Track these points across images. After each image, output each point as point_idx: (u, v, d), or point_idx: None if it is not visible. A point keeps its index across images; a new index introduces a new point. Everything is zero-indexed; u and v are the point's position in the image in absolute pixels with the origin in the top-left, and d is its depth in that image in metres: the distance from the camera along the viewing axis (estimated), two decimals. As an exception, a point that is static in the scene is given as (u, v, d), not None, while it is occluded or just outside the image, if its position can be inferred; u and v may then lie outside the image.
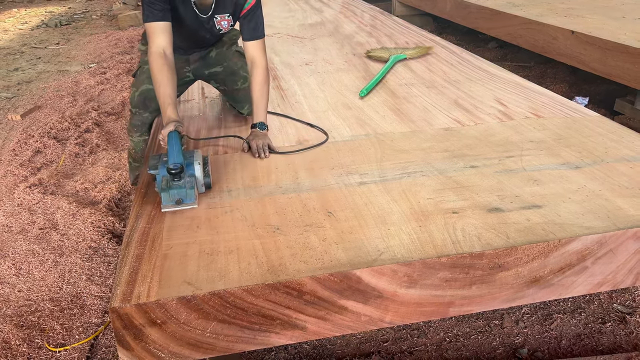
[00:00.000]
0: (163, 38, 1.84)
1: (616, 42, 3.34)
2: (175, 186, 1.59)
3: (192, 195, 1.61)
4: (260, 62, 2.07)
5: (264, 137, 2.01)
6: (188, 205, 1.61)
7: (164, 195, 1.59)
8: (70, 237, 2.52)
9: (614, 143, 2.01)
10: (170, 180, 1.60)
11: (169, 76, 1.80)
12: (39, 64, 5.76)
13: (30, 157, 3.39)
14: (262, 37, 2.09)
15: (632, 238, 1.46)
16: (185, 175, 1.61)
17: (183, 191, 1.59)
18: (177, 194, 1.59)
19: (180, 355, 1.31)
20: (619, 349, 1.84)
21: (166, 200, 1.59)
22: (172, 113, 1.75)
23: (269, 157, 1.95)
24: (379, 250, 1.39)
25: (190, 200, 1.61)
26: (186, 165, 1.62)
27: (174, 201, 1.59)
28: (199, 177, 1.66)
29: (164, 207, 1.60)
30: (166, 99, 1.77)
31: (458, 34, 6.05)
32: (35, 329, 1.99)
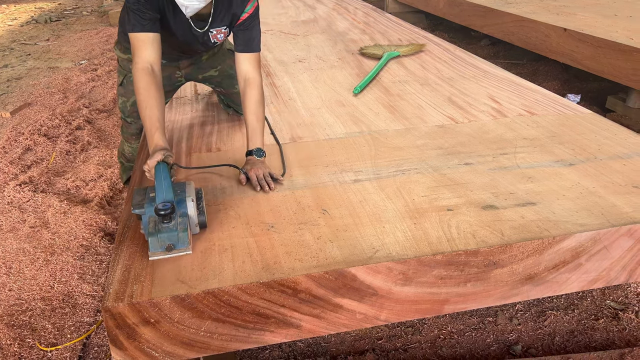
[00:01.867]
0: (151, 51, 1.64)
1: (608, 40, 3.35)
2: (165, 229, 1.34)
3: (185, 239, 1.36)
4: (255, 79, 1.84)
5: (263, 166, 1.75)
6: (181, 251, 1.36)
7: (152, 240, 1.34)
8: (61, 235, 2.50)
9: (607, 140, 2.02)
10: (159, 223, 1.35)
11: (156, 96, 1.60)
12: (29, 61, 5.70)
13: (21, 155, 3.36)
14: (257, 51, 1.86)
15: (626, 235, 1.47)
16: (177, 215, 1.37)
17: (174, 235, 1.35)
18: (167, 239, 1.34)
19: (174, 354, 1.30)
20: (612, 345, 1.85)
21: (155, 246, 1.34)
22: (159, 140, 1.54)
23: (274, 189, 1.69)
24: (374, 248, 1.39)
25: (183, 245, 1.36)
26: (177, 203, 1.38)
27: (164, 247, 1.35)
28: (192, 216, 1.42)
29: (152, 255, 1.35)
30: (153, 123, 1.56)
31: (451, 31, 6.06)
32: (26, 328, 1.97)
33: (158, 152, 1.48)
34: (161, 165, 1.44)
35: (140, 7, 1.64)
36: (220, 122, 2.30)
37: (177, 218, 1.37)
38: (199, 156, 1.97)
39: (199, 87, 2.80)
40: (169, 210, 1.32)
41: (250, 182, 1.70)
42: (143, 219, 1.38)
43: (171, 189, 1.38)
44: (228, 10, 1.81)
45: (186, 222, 1.38)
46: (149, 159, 1.48)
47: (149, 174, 1.48)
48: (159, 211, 1.32)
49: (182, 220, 1.37)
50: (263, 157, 1.77)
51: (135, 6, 1.64)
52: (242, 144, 2.06)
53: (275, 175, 1.74)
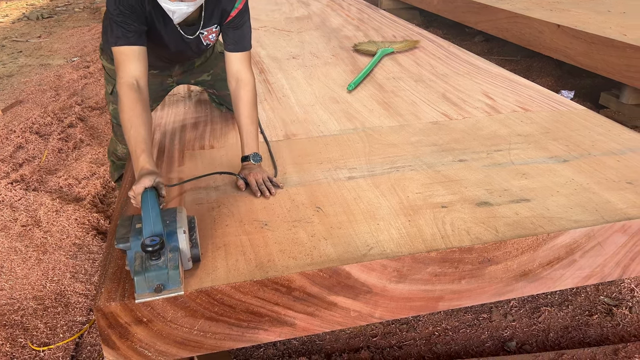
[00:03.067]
0: (137, 66, 1.53)
1: (601, 36, 3.36)
2: (153, 267, 1.17)
3: (176, 278, 1.18)
4: (248, 79, 1.76)
5: (261, 171, 1.70)
6: (172, 291, 1.18)
7: (138, 280, 1.16)
8: (53, 234, 2.48)
9: (601, 136, 2.02)
10: (146, 259, 1.18)
11: (142, 115, 1.47)
12: (20, 58, 5.65)
13: (12, 153, 3.32)
14: (248, 49, 1.78)
15: (620, 231, 1.47)
16: (167, 250, 1.20)
17: (164, 274, 1.17)
18: (156, 278, 1.16)
19: (167, 353, 1.29)
20: (606, 340, 1.86)
21: (142, 287, 1.16)
22: (145, 162, 1.38)
23: (275, 194, 1.64)
24: (368, 245, 1.38)
25: (174, 284, 1.18)
26: (167, 236, 1.22)
27: (152, 288, 1.16)
28: (184, 250, 1.25)
29: (139, 297, 1.17)
30: (138, 144, 1.42)
31: (445, 28, 6.06)
32: (18, 328, 1.95)
33: (145, 176, 1.32)
34: (149, 192, 1.26)
35: (124, 19, 1.53)
36: (214, 120, 2.29)
37: (167, 253, 1.19)
38: (192, 154, 1.95)
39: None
40: (158, 245, 1.15)
41: (250, 187, 1.65)
42: (128, 254, 1.22)
43: (160, 220, 1.21)
44: (217, 7, 1.72)
45: (177, 258, 1.20)
46: (135, 184, 1.31)
47: (134, 201, 1.33)
48: (146, 247, 1.15)
49: (172, 255, 1.20)
50: (260, 161, 1.72)
51: (120, 18, 1.53)
52: (236, 141, 2.05)
53: (275, 180, 1.69)
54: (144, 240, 1.16)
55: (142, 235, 1.20)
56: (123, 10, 1.53)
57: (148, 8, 1.60)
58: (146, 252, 1.16)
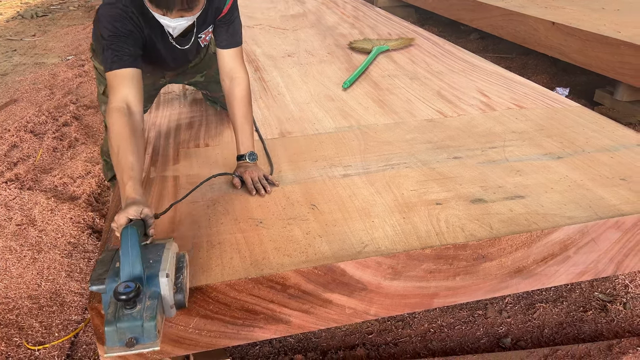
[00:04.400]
0: (130, 90, 1.46)
1: (596, 33, 3.37)
2: (127, 317, 1.01)
3: (152, 331, 1.01)
4: (242, 77, 1.74)
5: (256, 169, 1.69)
6: (146, 346, 1.02)
7: (108, 332, 1.00)
8: (48, 233, 2.47)
9: (595, 133, 2.03)
10: (120, 308, 1.02)
11: (133, 141, 1.37)
12: (15, 57, 5.62)
13: (7, 152, 3.31)
14: (240, 45, 1.77)
15: (613, 227, 1.47)
16: (145, 296, 1.05)
17: (138, 325, 1.01)
18: (128, 331, 1.01)
19: (163, 351, 1.29)
20: (601, 336, 1.87)
21: (112, 340, 1.01)
22: (132, 191, 1.27)
23: (270, 192, 1.63)
24: (363, 242, 1.39)
25: (149, 338, 1.02)
26: (148, 279, 1.07)
27: (123, 342, 1.01)
28: (166, 296, 1.09)
29: (109, 351, 1.01)
30: (126, 170, 1.31)
31: (440, 26, 6.06)
32: (13, 327, 1.95)
33: (130, 207, 1.21)
34: (129, 229, 1.10)
35: (119, 43, 1.48)
36: (209, 118, 2.28)
37: (145, 301, 1.04)
38: (186, 152, 1.95)
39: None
40: (133, 293, 1.01)
41: (246, 185, 1.64)
42: (103, 297, 1.08)
43: (140, 262, 1.07)
44: (210, 8, 1.69)
45: (155, 307, 1.04)
46: (119, 213, 1.21)
47: (117, 232, 1.20)
48: (119, 295, 1.00)
49: (151, 303, 1.04)
50: (255, 160, 1.72)
51: (114, 42, 1.47)
52: (231, 139, 2.04)
53: (270, 178, 1.69)
54: (117, 287, 1.02)
55: (119, 277, 1.06)
56: (119, 34, 1.49)
57: (146, 32, 1.59)
58: (119, 301, 1.01)
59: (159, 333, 1.03)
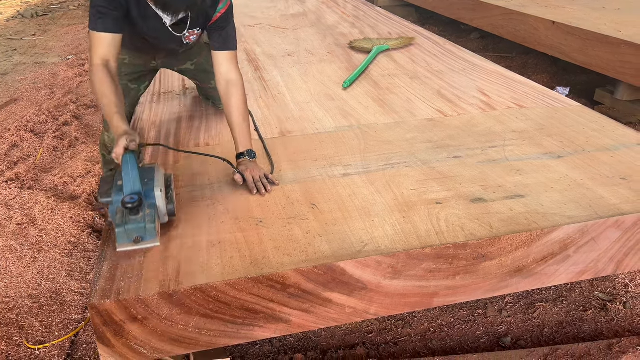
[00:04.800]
0: (109, 51, 1.61)
1: (596, 33, 3.36)
2: (132, 221, 1.32)
3: (152, 231, 1.34)
4: (237, 80, 1.81)
5: (257, 167, 1.74)
6: (148, 243, 1.36)
7: (119, 232, 1.32)
8: (49, 232, 2.47)
9: (595, 132, 2.03)
10: (126, 214, 1.33)
11: (112, 86, 1.55)
12: (15, 56, 5.62)
13: (7, 151, 3.31)
14: (234, 49, 1.84)
15: (613, 227, 1.47)
16: (145, 206, 1.34)
17: (142, 227, 1.33)
18: (135, 231, 1.33)
19: (163, 350, 1.29)
20: (601, 336, 1.87)
21: (122, 238, 1.33)
22: (119, 123, 1.47)
23: (271, 191, 1.66)
24: (363, 241, 1.39)
25: (151, 237, 1.35)
26: (145, 193, 1.36)
27: (131, 239, 1.33)
28: (160, 206, 1.40)
29: (120, 247, 1.35)
30: (111, 107, 1.50)
31: (440, 25, 6.05)
32: (13, 326, 1.95)
33: (121, 137, 1.41)
34: (128, 155, 1.37)
35: (105, 5, 1.60)
36: (209, 117, 2.28)
37: (145, 209, 1.34)
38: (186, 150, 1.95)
39: (187, 81, 2.78)
40: (137, 203, 1.30)
41: (247, 184, 1.67)
42: (110, 208, 1.36)
43: (139, 180, 1.34)
44: (202, 12, 1.78)
45: (154, 214, 1.35)
46: (115, 146, 1.41)
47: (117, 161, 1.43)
48: (126, 204, 1.29)
49: (150, 212, 1.34)
50: (255, 157, 1.76)
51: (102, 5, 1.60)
52: (231, 139, 2.04)
53: (270, 177, 1.72)
54: (124, 198, 1.30)
55: (123, 192, 1.33)
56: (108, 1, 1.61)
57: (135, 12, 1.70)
58: (126, 209, 1.30)
59: (158, 234, 1.36)
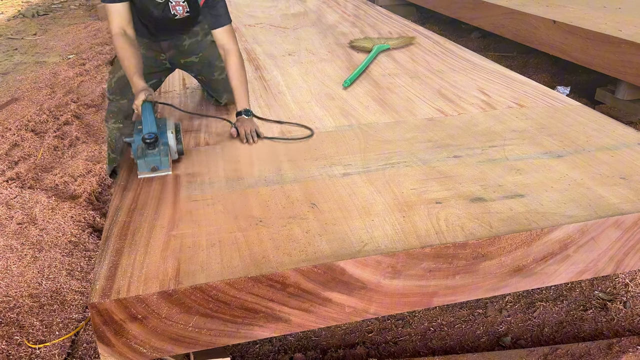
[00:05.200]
0: (122, 18, 1.94)
1: (597, 32, 3.36)
2: (150, 154, 1.71)
3: (166, 162, 1.74)
4: (232, 48, 2.07)
5: (251, 123, 2.06)
6: (162, 172, 1.74)
7: (140, 163, 1.71)
8: (49, 231, 2.48)
9: (595, 132, 2.02)
10: (145, 149, 1.71)
11: (132, 50, 1.91)
12: (16, 55, 5.63)
13: (7, 151, 3.31)
14: (227, 24, 2.07)
15: (613, 226, 1.47)
16: (160, 143, 1.72)
17: (157, 159, 1.72)
18: (152, 162, 1.72)
19: (163, 350, 1.29)
20: (601, 335, 1.87)
21: (142, 167, 1.72)
22: (139, 82, 1.86)
23: (257, 142, 2.00)
24: (363, 241, 1.39)
25: (164, 167, 1.74)
26: (160, 134, 1.72)
27: (149, 168, 1.72)
28: (172, 145, 1.78)
29: (140, 174, 1.74)
30: (131, 69, 1.88)
31: (441, 24, 6.05)
32: (14, 325, 1.95)
33: (141, 92, 1.80)
34: (146, 104, 1.76)
35: None
36: (209, 117, 2.28)
37: (160, 146, 1.72)
38: (187, 150, 1.95)
39: (187, 80, 2.78)
40: (153, 139, 1.67)
41: (239, 136, 2.02)
42: (132, 146, 1.73)
43: (155, 123, 1.72)
44: None
45: (167, 150, 1.74)
46: (135, 99, 1.80)
47: (137, 111, 1.81)
48: (145, 140, 1.67)
49: (163, 147, 1.73)
50: (251, 115, 2.08)
51: None
52: (231, 139, 2.05)
53: (260, 132, 2.05)
54: (144, 136, 1.67)
55: (142, 132, 1.69)
56: None
57: None
58: (145, 144, 1.68)
59: (170, 165, 1.77)
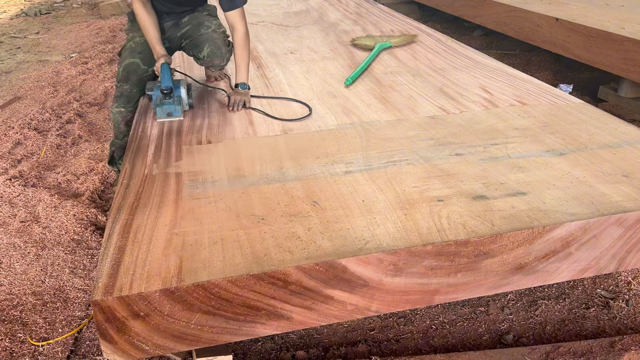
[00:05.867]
0: None
1: (600, 29, 3.35)
2: (166, 102, 2.16)
3: (179, 110, 2.19)
4: (240, 27, 2.30)
5: (243, 95, 2.33)
6: (176, 117, 2.19)
7: (158, 109, 2.17)
8: (52, 229, 2.48)
9: (598, 130, 2.02)
10: (162, 99, 2.16)
11: (152, 21, 2.24)
12: (19, 54, 5.64)
13: (11, 149, 3.32)
14: (240, 6, 2.29)
15: (615, 224, 1.47)
16: (174, 95, 2.17)
17: (172, 107, 2.17)
18: (167, 109, 2.17)
19: (165, 347, 1.30)
20: (603, 333, 1.87)
21: (160, 113, 2.17)
22: (160, 49, 2.24)
23: (240, 110, 2.30)
24: (365, 239, 1.39)
25: (177, 113, 2.19)
26: (174, 89, 2.17)
27: (165, 114, 2.17)
28: (184, 97, 2.23)
29: (158, 118, 2.19)
30: (153, 39, 2.24)
31: (443, 22, 6.04)
32: (17, 323, 1.96)
33: (161, 57, 2.21)
34: (165, 65, 2.19)
35: None
36: (211, 115, 2.29)
37: (174, 97, 2.18)
38: (189, 149, 1.95)
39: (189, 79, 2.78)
40: (169, 91, 2.14)
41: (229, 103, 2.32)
42: (153, 97, 2.21)
43: (171, 80, 2.16)
44: None
45: (180, 101, 2.20)
46: (157, 62, 2.22)
47: (157, 72, 2.22)
48: (162, 90, 2.14)
49: (177, 99, 2.19)
50: (246, 89, 2.36)
51: None
52: (232, 136, 2.06)
53: (248, 105, 2.33)
54: (162, 87, 2.14)
55: (160, 86, 2.15)
56: None
57: None
58: (162, 94, 2.16)
59: (183, 113, 2.23)
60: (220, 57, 2.42)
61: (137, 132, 2.14)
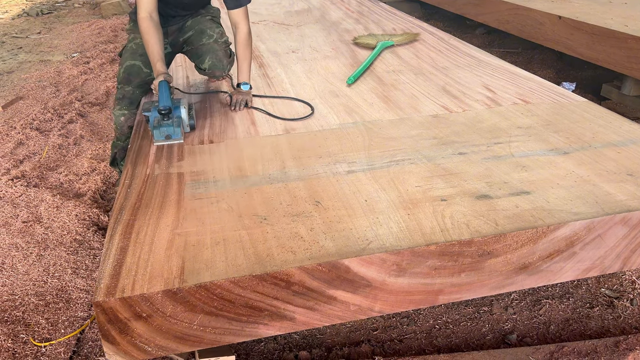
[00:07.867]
0: (150, 3, 2.09)
1: (603, 27, 3.34)
2: (165, 124, 1.93)
3: (178, 132, 1.95)
4: (243, 26, 2.27)
5: (245, 94, 2.31)
6: (175, 140, 1.96)
7: (155, 132, 1.93)
8: (54, 230, 2.48)
9: (602, 128, 2.01)
10: (160, 120, 1.93)
11: (156, 36, 2.08)
12: (20, 54, 5.64)
13: (12, 149, 3.32)
14: (244, 4, 2.26)
15: (620, 223, 1.46)
16: (173, 116, 1.95)
17: (171, 129, 1.93)
18: (166, 131, 1.93)
19: (167, 348, 1.29)
20: (607, 333, 1.86)
21: (157, 136, 1.94)
22: (161, 67, 2.05)
23: (242, 110, 2.27)
24: (368, 239, 1.38)
25: (177, 136, 1.95)
26: (174, 108, 1.96)
27: (163, 136, 1.94)
28: (184, 118, 2.01)
29: (156, 142, 1.96)
30: (155, 55, 2.07)
31: (445, 20, 6.03)
32: (19, 323, 1.96)
33: (160, 74, 2.02)
34: (163, 82, 1.97)
35: None
36: (213, 115, 2.28)
37: (173, 118, 1.95)
38: (191, 149, 1.95)
39: (191, 80, 2.77)
40: (168, 111, 1.90)
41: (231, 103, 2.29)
42: (150, 118, 1.96)
43: (170, 99, 1.93)
44: None
45: (180, 122, 1.97)
46: (155, 80, 2.02)
47: (154, 90, 2.02)
48: (160, 111, 1.90)
49: (177, 120, 1.96)
50: (248, 88, 2.34)
51: None
52: (234, 136, 2.05)
53: (250, 104, 2.30)
54: (159, 108, 1.90)
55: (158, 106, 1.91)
56: None
57: None
58: (160, 115, 1.92)
59: (182, 135, 1.98)
60: (222, 69, 2.42)
61: (139, 132, 2.13)
